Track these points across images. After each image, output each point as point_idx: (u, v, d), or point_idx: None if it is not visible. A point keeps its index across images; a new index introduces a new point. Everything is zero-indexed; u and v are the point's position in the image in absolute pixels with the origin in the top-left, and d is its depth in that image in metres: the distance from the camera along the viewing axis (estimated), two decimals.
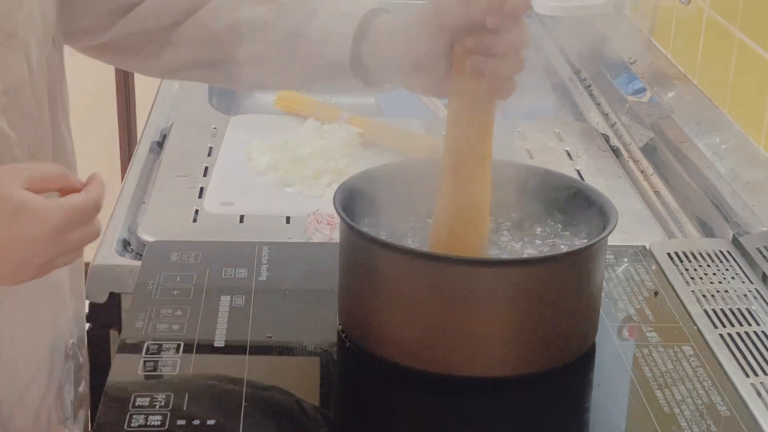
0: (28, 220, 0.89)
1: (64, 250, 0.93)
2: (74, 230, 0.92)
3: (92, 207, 0.93)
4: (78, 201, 0.92)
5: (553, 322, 1.04)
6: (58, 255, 0.93)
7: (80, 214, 0.92)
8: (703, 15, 1.65)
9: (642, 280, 1.23)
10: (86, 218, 0.93)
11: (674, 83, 1.71)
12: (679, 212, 1.46)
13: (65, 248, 0.93)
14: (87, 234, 0.93)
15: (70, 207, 0.91)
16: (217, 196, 1.44)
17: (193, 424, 0.97)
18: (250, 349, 1.08)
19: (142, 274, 1.21)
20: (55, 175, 0.94)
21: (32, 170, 0.92)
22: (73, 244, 0.93)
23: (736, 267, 1.26)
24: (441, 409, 1.03)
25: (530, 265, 1.05)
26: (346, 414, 1.05)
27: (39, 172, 0.93)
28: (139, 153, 1.59)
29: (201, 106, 1.77)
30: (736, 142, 1.49)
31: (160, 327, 1.11)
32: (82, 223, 0.93)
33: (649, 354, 1.09)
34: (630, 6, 2.05)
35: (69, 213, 0.91)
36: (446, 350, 1.03)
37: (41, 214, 0.90)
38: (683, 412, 1.01)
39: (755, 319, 1.16)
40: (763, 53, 1.45)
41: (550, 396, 1.05)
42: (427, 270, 1.02)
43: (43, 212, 0.90)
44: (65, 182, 0.94)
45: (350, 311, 1.10)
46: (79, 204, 0.92)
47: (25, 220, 0.89)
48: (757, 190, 1.39)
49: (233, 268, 1.22)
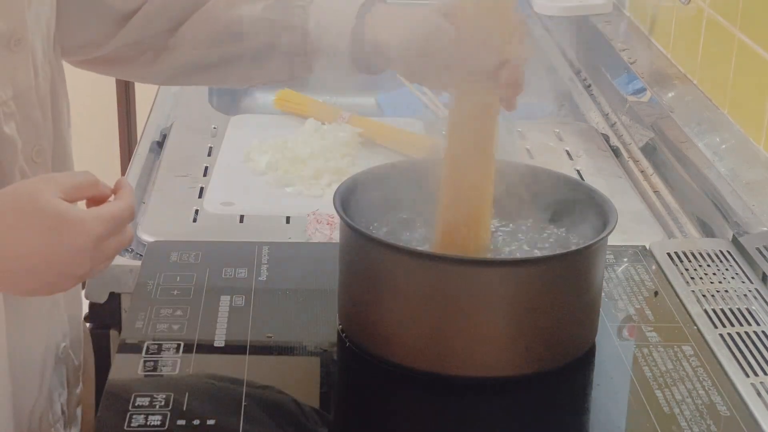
0: (70, 232, 0.90)
1: (103, 259, 0.93)
2: (112, 239, 0.93)
3: (128, 215, 0.94)
4: (116, 210, 0.93)
5: (553, 322, 1.04)
6: (98, 264, 0.93)
7: (118, 222, 0.93)
8: (703, 15, 1.65)
9: (642, 280, 1.23)
10: (122, 226, 0.94)
11: (674, 83, 1.71)
12: (679, 212, 1.46)
13: (104, 257, 0.93)
14: (122, 241, 0.94)
15: (110, 217, 0.92)
16: (217, 196, 1.44)
17: (193, 424, 0.97)
18: (250, 349, 1.09)
19: (142, 274, 1.21)
20: (88, 184, 0.94)
21: (66, 180, 0.93)
22: (111, 253, 0.94)
23: (736, 267, 1.26)
24: (441, 409, 1.03)
25: (530, 265, 1.05)
26: (346, 414, 1.05)
27: (73, 181, 0.93)
28: (139, 153, 1.59)
29: (201, 106, 1.77)
30: (736, 142, 1.49)
31: (160, 327, 1.11)
32: (119, 232, 0.94)
33: (649, 354, 1.09)
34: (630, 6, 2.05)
35: (109, 223, 0.92)
36: (446, 350, 1.03)
37: (82, 225, 0.90)
38: (683, 412, 1.01)
39: (755, 319, 1.16)
40: (763, 53, 1.45)
41: (550, 396, 1.05)
42: (427, 270, 1.02)
43: (84, 223, 0.90)
44: (96, 190, 0.95)
45: (350, 311, 1.10)
46: (117, 213, 0.93)
47: (67, 232, 0.90)
48: (757, 190, 1.39)
49: (233, 268, 1.22)
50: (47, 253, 0.90)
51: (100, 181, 0.96)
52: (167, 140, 1.62)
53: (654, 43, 1.88)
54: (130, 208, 0.95)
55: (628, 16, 2.05)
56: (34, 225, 0.90)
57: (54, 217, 0.90)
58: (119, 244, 0.94)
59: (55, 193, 0.91)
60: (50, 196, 0.90)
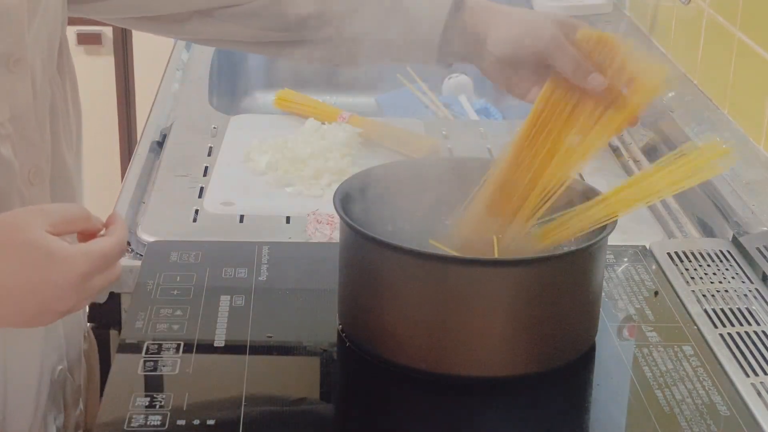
0: (56, 268, 0.88)
1: (87, 296, 0.92)
2: (99, 275, 0.91)
3: (117, 252, 0.92)
4: (106, 247, 0.91)
5: (553, 322, 1.04)
6: (82, 301, 0.91)
7: (107, 260, 0.91)
8: (703, 15, 1.65)
9: (642, 279, 1.23)
10: (111, 263, 0.92)
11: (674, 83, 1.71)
12: (679, 212, 1.46)
13: (89, 294, 0.91)
14: (109, 277, 0.92)
15: (99, 254, 0.90)
16: (217, 196, 1.44)
17: (193, 424, 0.97)
18: (250, 349, 1.09)
19: (142, 274, 1.21)
20: (79, 218, 0.92)
21: (56, 213, 0.91)
22: (96, 290, 0.92)
23: (736, 267, 1.26)
24: (441, 409, 1.03)
25: (530, 265, 1.05)
26: (346, 414, 1.05)
27: (64, 215, 0.91)
28: (139, 153, 1.59)
29: (201, 106, 1.77)
30: (736, 142, 1.49)
31: (160, 327, 1.11)
32: (106, 268, 0.92)
33: (649, 354, 1.09)
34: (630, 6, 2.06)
35: (97, 261, 0.90)
36: (446, 350, 1.03)
37: (69, 261, 0.88)
38: (683, 412, 1.01)
39: (755, 319, 1.16)
40: (763, 53, 1.45)
41: (550, 396, 1.05)
42: (427, 270, 1.02)
43: (71, 260, 0.88)
44: (87, 224, 0.93)
45: (350, 311, 1.10)
46: (107, 250, 0.91)
47: (53, 267, 0.88)
48: (757, 190, 1.39)
49: (233, 268, 1.22)
50: (31, 287, 0.88)
51: (92, 215, 0.94)
52: (167, 140, 1.62)
53: (654, 43, 1.88)
54: (121, 245, 0.92)
55: (628, 16, 2.05)
56: (20, 258, 0.87)
57: (41, 251, 0.87)
58: (105, 281, 0.92)
59: (44, 226, 0.88)
60: (38, 230, 0.88)
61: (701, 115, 1.59)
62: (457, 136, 1.67)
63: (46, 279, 0.88)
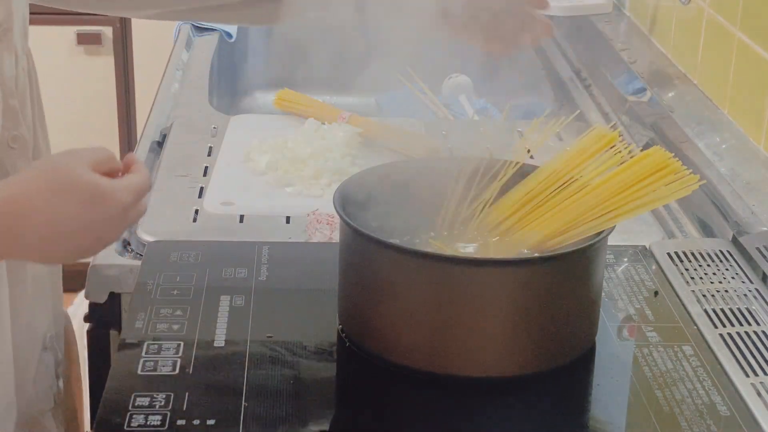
0: (107, 203, 0.97)
1: (126, 227, 1.03)
2: (134, 209, 1.01)
3: (147, 187, 1.02)
4: (138, 182, 1.00)
5: (553, 322, 1.04)
6: (123, 231, 1.04)
7: (141, 193, 1.01)
8: (703, 15, 1.65)
9: (642, 280, 1.23)
10: (143, 197, 1.02)
11: (674, 83, 1.71)
12: (679, 212, 1.46)
13: (128, 225, 1.03)
14: (141, 211, 1.03)
15: (135, 188, 1.00)
16: (217, 196, 1.44)
17: (193, 424, 0.97)
18: (250, 349, 1.08)
19: (142, 274, 1.21)
20: (108, 159, 1.00)
21: (91, 155, 0.99)
22: (132, 221, 1.03)
23: (736, 267, 1.26)
24: (441, 409, 1.03)
25: (530, 265, 1.05)
26: (346, 414, 1.05)
27: (96, 156, 0.99)
28: (139, 153, 1.59)
29: (201, 106, 1.77)
30: (736, 142, 1.49)
31: (160, 327, 1.11)
32: (139, 201, 1.02)
33: (649, 354, 1.09)
34: (630, 6, 2.06)
35: (134, 193, 1.00)
36: (446, 350, 1.03)
37: (116, 196, 0.98)
38: (683, 412, 1.01)
39: (755, 319, 1.16)
40: (763, 53, 1.45)
41: (550, 396, 1.05)
42: (427, 270, 1.02)
43: (117, 194, 0.98)
44: (113, 164, 1.01)
45: (350, 311, 1.10)
46: (140, 184, 1.01)
47: (105, 202, 0.97)
48: (757, 190, 1.39)
49: (233, 268, 1.22)
50: (88, 223, 0.97)
51: (115, 157, 1.02)
52: (167, 140, 1.62)
53: (654, 43, 1.88)
54: (148, 181, 1.02)
55: (628, 16, 2.05)
56: (76, 198, 0.96)
57: (90, 189, 0.96)
58: (138, 214, 1.02)
59: (86, 166, 0.97)
60: (84, 170, 0.97)
61: (701, 115, 1.59)
62: (457, 136, 1.67)
63: (100, 213, 0.97)
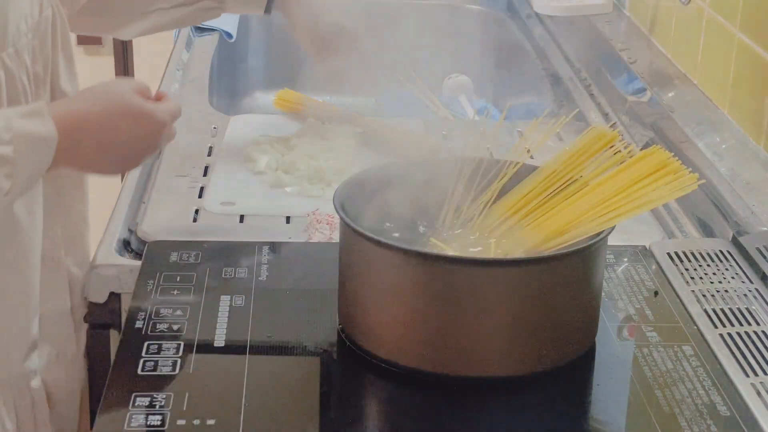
0: (149, 121, 1.12)
1: (161, 145, 1.16)
2: (168, 130, 1.15)
3: (178, 112, 1.17)
4: (172, 107, 1.16)
5: (553, 322, 1.04)
6: (159, 148, 1.17)
7: (175, 117, 1.16)
8: (703, 15, 1.65)
9: (642, 279, 1.23)
10: (175, 120, 1.16)
11: (674, 83, 1.71)
12: (679, 212, 1.46)
13: (163, 143, 1.16)
14: (173, 133, 1.17)
15: (171, 110, 1.15)
16: (217, 196, 1.44)
17: (193, 424, 0.97)
18: (250, 349, 1.09)
19: (142, 274, 1.21)
20: (144, 88, 1.15)
21: (134, 84, 1.14)
22: (166, 141, 1.16)
23: (736, 267, 1.26)
24: (441, 409, 1.03)
25: (530, 265, 1.05)
26: (346, 414, 1.05)
27: (136, 85, 1.14)
28: None
29: (201, 106, 1.77)
30: (736, 142, 1.49)
31: (160, 327, 1.11)
32: (173, 124, 1.16)
33: (649, 354, 1.09)
34: (630, 6, 2.06)
35: (170, 116, 1.15)
36: (446, 350, 1.03)
37: (157, 116, 1.13)
38: (683, 412, 1.01)
39: (755, 319, 1.16)
40: (763, 53, 1.45)
41: (550, 396, 1.05)
42: (427, 270, 1.02)
43: (158, 114, 1.13)
44: (148, 93, 1.15)
45: (350, 311, 1.10)
46: (174, 109, 1.16)
47: (147, 121, 1.12)
48: (757, 190, 1.39)
49: (233, 268, 1.22)
50: (133, 135, 1.12)
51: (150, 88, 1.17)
52: None
53: (654, 43, 1.88)
54: (180, 107, 1.18)
55: (628, 16, 2.05)
56: (124, 116, 1.11)
57: (137, 109, 1.12)
58: (171, 136, 1.16)
59: (132, 92, 1.12)
60: (131, 93, 1.12)
61: (701, 115, 1.59)
62: (457, 136, 1.67)
63: (145, 129, 1.13)
